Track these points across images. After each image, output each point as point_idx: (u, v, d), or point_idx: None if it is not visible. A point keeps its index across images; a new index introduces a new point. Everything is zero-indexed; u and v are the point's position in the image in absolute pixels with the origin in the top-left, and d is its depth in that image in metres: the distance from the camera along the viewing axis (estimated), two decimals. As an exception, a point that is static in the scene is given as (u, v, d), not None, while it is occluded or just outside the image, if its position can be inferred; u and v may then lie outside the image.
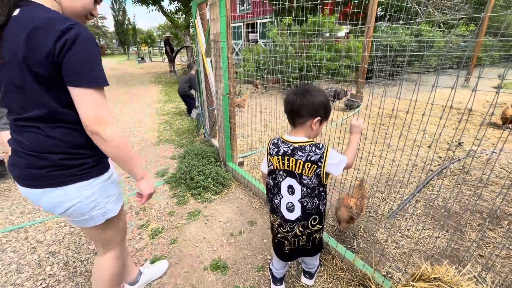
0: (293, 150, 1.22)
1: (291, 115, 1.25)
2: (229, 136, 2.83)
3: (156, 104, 6.86)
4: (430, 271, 1.06)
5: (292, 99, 1.21)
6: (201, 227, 2.21)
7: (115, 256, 1.30)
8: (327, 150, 1.19)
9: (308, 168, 1.19)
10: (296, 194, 1.26)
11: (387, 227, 2.15)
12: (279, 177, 1.30)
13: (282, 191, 1.30)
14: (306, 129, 1.24)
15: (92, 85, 0.90)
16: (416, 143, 3.57)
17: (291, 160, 1.23)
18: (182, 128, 4.75)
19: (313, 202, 1.26)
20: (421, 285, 1.02)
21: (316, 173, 1.20)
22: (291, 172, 1.24)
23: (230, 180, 2.78)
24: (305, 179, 1.21)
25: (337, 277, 1.65)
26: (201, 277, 1.75)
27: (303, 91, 1.21)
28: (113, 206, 1.14)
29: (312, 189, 1.23)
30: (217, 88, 2.75)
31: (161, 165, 3.31)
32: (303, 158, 1.20)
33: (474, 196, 2.52)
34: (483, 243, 1.97)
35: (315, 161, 1.18)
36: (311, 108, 1.19)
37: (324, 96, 1.22)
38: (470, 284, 0.97)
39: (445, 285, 0.97)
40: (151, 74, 13.66)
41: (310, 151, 1.19)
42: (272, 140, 1.35)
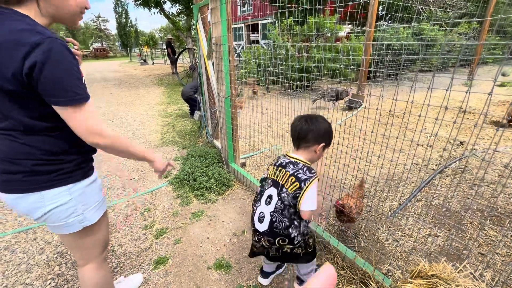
0: (287, 163, 1.31)
1: (297, 139, 1.33)
2: (231, 137, 2.87)
3: (158, 106, 6.92)
4: (427, 268, 1.09)
5: (300, 125, 1.30)
6: (205, 227, 2.25)
7: (95, 267, 1.24)
8: (315, 179, 1.23)
9: (291, 182, 1.24)
10: (270, 205, 1.29)
11: (388, 226, 2.17)
12: (266, 185, 1.37)
13: (262, 199, 1.35)
14: (309, 152, 1.32)
15: (71, 103, 0.88)
16: (416, 142, 3.58)
17: (281, 171, 1.30)
18: (185, 130, 4.81)
19: (282, 221, 1.25)
20: (419, 282, 1.05)
21: (295, 193, 1.22)
22: (277, 182, 1.31)
23: (232, 181, 2.82)
24: (284, 192, 1.24)
25: (338, 275, 1.68)
26: (205, 276, 1.79)
27: (310, 118, 1.31)
28: (91, 214, 1.11)
29: (285, 206, 1.24)
30: (219, 90, 2.79)
31: (164, 167, 3.35)
32: (291, 171, 1.26)
33: (475, 195, 2.53)
34: (484, 241, 1.99)
35: (300, 179, 1.22)
36: (317, 135, 1.28)
37: (328, 124, 1.32)
38: (467, 281, 0.99)
39: (442, 282, 1.00)
40: (153, 76, 13.77)
41: (301, 169, 1.26)
42: (277, 157, 1.45)
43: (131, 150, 1.09)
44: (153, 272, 1.83)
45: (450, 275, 1.02)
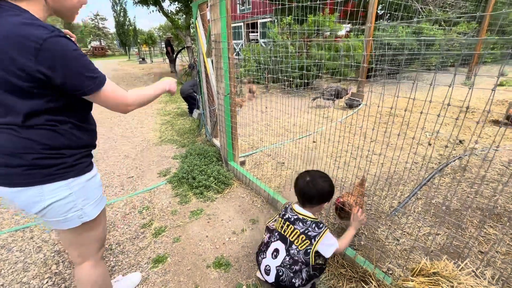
0: (296, 220, 1.38)
1: (302, 201, 1.44)
2: (230, 135, 2.85)
3: (157, 104, 6.89)
4: (429, 266, 1.07)
5: (304, 189, 1.40)
6: (204, 226, 2.23)
7: (93, 265, 1.23)
8: (325, 231, 1.34)
9: (301, 240, 1.32)
10: (277, 260, 1.34)
11: (388, 224, 2.16)
12: (273, 237, 1.43)
13: (267, 252, 1.41)
14: (314, 209, 1.44)
15: (93, 90, 0.94)
16: (416, 141, 3.58)
17: (290, 227, 1.38)
18: (184, 128, 4.78)
19: (288, 275, 1.31)
20: (420, 280, 1.04)
21: (306, 249, 1.30)
22: (285, 237, 1.37)
23: (231, 179, 2.81)
24: (294, 249, 1.33)
25: (339, 274, 1.67)
26: (204, 274, 1.77)
27: (313, 181, 1.40)
28: (91, 210, 1.10)
29: (295, 262, 1.31)
30: (218, 88, 2.77)
31: (163, 165, 3.34)
32: (301, 229, 1.34)
33: (475, 193, 2.52)
34: (484, 239, 1.98)
35: (310, 236, 1.31)
36: (321, 199, 1.41)
37: (330, 183, 1.43)
38: (469, 279, 0.98)
39: (444, 280, 0.99)
40: (151, 75, 13.71)
41: (310, 226, 1.34)
42: (287, 203, 1.55)
43: (154, 95, 1.22)
44: (152, 271, 1.81)
45: (452, 273, 1.01)
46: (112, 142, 4.20)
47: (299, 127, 4.33)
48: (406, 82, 7.97)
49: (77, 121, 1.04)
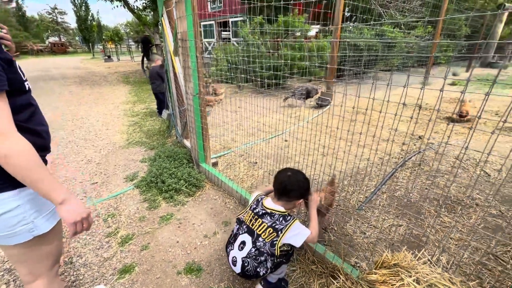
0: (264, 214, 1.41)
1: (280, 194, 1.45)
2: (201, 136, 2.79)
3: (124, 105, 6.55)
4: (390, 258, 1.13)
5: (284, 183, 1.42)
6: (174, 231, 2.16)
7: (46, 283, 1.12)
8: (292, 222, 1.36)
9: (269, 233, 1.35)
10: (243, 252, 1.38)
11: (356, 219, 2.26)
12: (241, 229, 1.46)
13: (235, 244, 1.43)
14: (288, 204, 1.46)
15: None
16: (380, 138, 3.79)
17: (258, 221, 1.40)
18: (153, 130, 4.59)
19: (253, 265, 1.35)
20: (382, 272, 1.09)
21: (273, 241, 1.33)
22: (252, 230, 1.40)
23: (203, 181, 2.74)
24: (260, 242, 1.35)
25: (309, 270, 1.71)
26: (174, 282, 1.71)
27: (294, 177, 1.45)
28: (43, 223, 1.00)
29: (261, 253, 1.35)
30: (187, 88, 2.69)
31: (130, 169, 3.17)
32: (268, 223, 1.37)
33: (432, 185, 2.73)
34: (440, 227, 2.15)
35: (277, 229, 1.34)
36: (299, 193, 1.45)
37: (307, 181, 1.49)
38: (425, 267, 1.05)
39: (403, 270, 1.05)
40: (119, 73, 13.00)
41: (277, 220, 1.38)
42: (259, 195, 1.55)
43: (36, 175, 0.86)
44: (118, 282, 1.71)
45: (410, 263, 1.08)
46: (74, 146, 3.90)
47: (271, 127, 4.37)
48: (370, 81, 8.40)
49: (19, 121, 0.93)
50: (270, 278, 1.52)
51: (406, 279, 1.02)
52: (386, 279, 1.06)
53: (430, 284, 0.98)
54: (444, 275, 1.05)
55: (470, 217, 2.26)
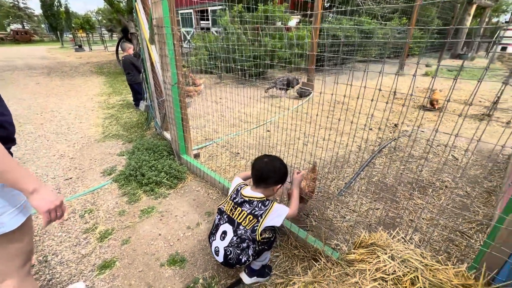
0: (242, 202, 1.42)
1: (258, 180, 1.45)
2: (181, 127, 2.72)
3: (99, 97, 6.23)
4: (367, 238, 1.19)
5: (261, 170, 1.43)
6: (156, 224, 2.12)
7: (17, 283, 1.07)
8: (271, 206, 1.38)
9: (248, 220, 1.36)
10: (225, 241, 1.39)
11: (336, 204, 2.34)
12: (222, 220, 1.47)
13: (217, 234, 1.45)
14: (267, 190, 1.46)
15: None
16: (359, 126, 3.91)
17: (237, 210, 1.41)
18: (131, 122, 4.42)
19: (235, 253, 1.36)
20: (360, 252, 1.15)
21: (254, 227, 1.34)
22: (233, 220, 1.40)
23: (185, 173, 2.70)
24: (241, 230, 1.36)
25: (292, 255, 1.75)
26: (158, 274, 1.69)
27: (271, 162, 1.46)
28: (11, 219, 0.95)
29: (242, 240, 1.36)
30: (165, 77, 2.60)
31: (107, 163, 3.05)
32: (248, 210, 1.39)
33: (406, 170, 2.88)
34: (413, 209, 2.28)
35: (257, 215, 1.36)
36: (277, 179, 1.45)
37: (285, 166, 1.50)
38: (399, 245, 1.12)
39: (379, 248, 1.10)
40: (92, 64, 12.31)
41: (256, 206, 1.39)
42: (239, 184, 1.55)
43: (3, 165, 0.81)
44: (97, 278, 1.66)
45: (386, 242, 1.14)
46: (44, 141, 3.67)
47: (254, 117, 4.36)
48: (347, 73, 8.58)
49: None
50: (253, 266, 1.54)
51: (382, 256, 1.07)
52: (364, 258, 1.12)
53: (404, 260, 1.04)
54: (416, 251, 1.11)
55: (440, 198, 2.42)
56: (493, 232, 1.05)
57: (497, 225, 1.00)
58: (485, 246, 1.05)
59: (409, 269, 1.01)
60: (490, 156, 3.20)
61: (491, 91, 6.05)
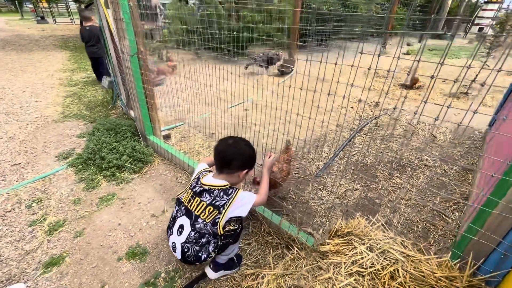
0: (201, 192, 1.23)
1: (221, 165, 1.27)
2: (145, 105, 2.43)
3: (61, 73, 5.62)
4: (344, 226, 1.05)
5: (224, 153, 1.25)
6: (116, 213, 1.90)
7: None
8: (235, 195, 1.20)
9: (208, 212, 1.18)
10: (182, 236, 1.21)
11: (314, 186, 2.21)
12: (179, 212, 1.27)
13: (174, 228, 1.26)
14: (232, 177, 1.28)
15: None
16: (341, 105, 3.77)
17: (195, 200, 1.22)
18: (95, 101, 4.01)
19: (194, 250, 1.19)
20: (335, 242, 1.01)
21: (215, 219, 1.17)
22: (190, 212, 1.22)
23: (151, 156, 2.45)
24: (200, 223, 1.18)
25: (265, 242, 1.62)
26: (114, 269, 1.50)
27: (234, 145, 1.27)
28: None
29: (201, 235, 1.18)
30: (122, 46, 2.26)
31: (64, 146, 2.72)
32: (207, 201, 1.19)
33: (386, 149, 2.80)
34: (392, 189, 2.21)
35: (218, 206, 1.18)
36: (242, 163, 1.26)
37: (252, 148, 1.33)
38: (378, 233, 0.99)
39: (356, 238, 0.97)
40: (55, 37, 11.18)
41: (217, 195, 1.20)
42: (201, 171, 1.34)
43: None
44: (42, 278, 1.45)
45: (364, 230, 1.00)
46: (-10, 122, 3.23)
47: (231, 96, 4.09)
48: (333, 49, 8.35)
49: None
50: (219, 260, 1.38)
51: (359, 247, 0.94)
52: (339, 249, 0.98)
53: (383, 251, 0.91)
54: (396, 239, 0.99)
55: (419, 177, 2.36)
56: (479, 218, 0.93)
57: (487, 209, 0.88)
58: (470, 233, 0.94)
59: (388, 262, 0.89)
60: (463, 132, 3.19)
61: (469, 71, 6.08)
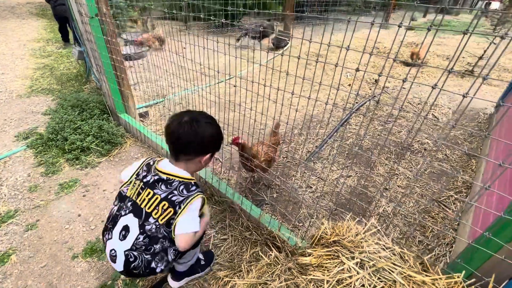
0: (156, 181, 0.94)
1: (175, 150, 0.97)
2: (114, 79, 2.12)
3: (34, 43, 5.13)
4: (329, 232, 0.84)
5: (177, 133, 0.93)
6: (77, 201, 1.67)
7: None
8: (195, 196, 0.93)
9: (162, 209, 0.90)
10: (126, 242, 0.91)
11: (303, 172, 2.00)
12: (123, 209, 0.95)
13: (114, 231, 0.94)
14: (192, 164, 1.00)
15: None
16: (337, 82, 3.47)
17: (148, 193, 0.93)
18: (69, 74, 3.64)
19: (144, 260, 0.91)
20: (318, 253, 0.80)
21: (169, 220, 0.90)
22: (139, 208, 0.93)
23: (122, 137, 2.18)
24: (150, 224, 0.91)
25: (242, 238, 1.42)
26: (67, 269, 1.30)
27: (190, 123, 0.93)
28: None
29: (153, 240, 0.91)
30: (79, 5, 1.90)
31: (26, 124, 2.43)
32: (162, 194, 0.92)
33: (384, 131, 2.56)
34: (388, 175, 2.01)
35: (174, 203, 0.91)
36: (200, 146, 0.96)
37: (215, 127, 1.00)
38: (371, 243, 0.78)
39: (345, 251, 0.76)
40: (33, 4, 10.26)
41: (176, 189, 0.93)
42: (151, 159, 1.04)
43: None
44: (-20, 280, 1.24)
45: (355, 239, 0.79)
46: None
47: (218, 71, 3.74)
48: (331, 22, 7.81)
49: None
50: (178, 268, 1.17)
51: (347, 262, 0.73)
52: (322, 262, 0.78)
53: (378, 269, 0.71)
54: (394, 250, 0.78)
55: (418, 163, 2.16)
56: (504, 228, 0.71)
57: None
58: (489, 246, 0.72)
59: (384, 283, 0.68)
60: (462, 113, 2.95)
61: (475, 48, 5.73)
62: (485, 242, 0.74)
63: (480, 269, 0.73)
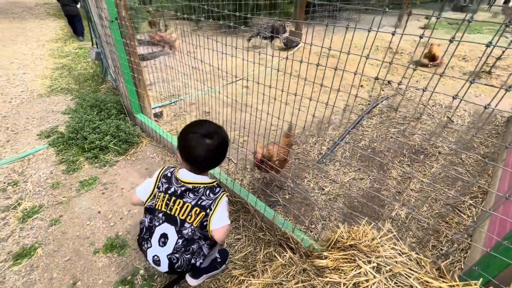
0: (184, 191, 1.01)
1: (199, 168, 1.03)
2: (131, 80, 2.19)
3: (52, 43, 5.30)
4: (346, 236, 0.86)
5: (204, 156, 0.97)
6: (97, 199, 1.74)
7: None
8: (221, 197, 1.02)
9: (195, 214, 0.99)
10: (167, 247, 1.00)
11: (316, 174, 2.01)
12: (156, 220, 1.04)
13: (153, 240, 1.03)
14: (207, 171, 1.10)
15: None
16: (349, 83, 3.45)
17: (177, 203, 1.00)
18: (86, 74, 3.75)
19: (185, 259, 1.01)
20: (334, 256, 0.82)
21: (202, 222, 0.99)
22: (173, 217, 1.01)
23: (138, 137, 2.25)
24: (187, 228, 1.00)
25: (256, 238, 1.45)
26: (89, 263, 1.37)
27: (214, 144, 0.97)
28: None
29: (190, 241, 1.02)
30: (100, 10, 1.96)
31: (48, 123, 2.53)
32: (192, 202, 1.00)
33: (397, 133, 2.54)
34: (401, 178, 2.00)
35: (205, 206, 0.99)
36: (219, 161, 1.05)
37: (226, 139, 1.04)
38: (388, 248, 0.79)
39: (361, 255, 0.78)
40: (51, 5, 10.57)
41: (203, 194, 1.01)
42: (166, 169, 1.09)
43: None
44: (10, 271, 1.32)
45: (371, 243, 0.81)
46: (-27, 95, 3.04)
47: (230, 71, 3.78)
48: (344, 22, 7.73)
49: None
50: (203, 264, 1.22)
51: (364, 266, 0.75)
52: (339, 265, 0.80)
53: (395, 274, 0.72)
54: (411, 255, 0.80)
55: (432, 167, 2.13)
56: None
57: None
58: (509, 256, 0.73)
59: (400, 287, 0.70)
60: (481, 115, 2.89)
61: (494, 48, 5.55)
62: (504, 250, 0.75)
63: (498, 277, 0.74)
